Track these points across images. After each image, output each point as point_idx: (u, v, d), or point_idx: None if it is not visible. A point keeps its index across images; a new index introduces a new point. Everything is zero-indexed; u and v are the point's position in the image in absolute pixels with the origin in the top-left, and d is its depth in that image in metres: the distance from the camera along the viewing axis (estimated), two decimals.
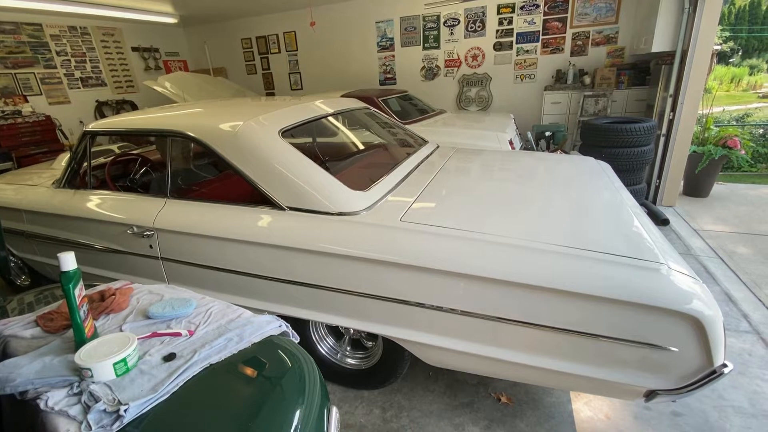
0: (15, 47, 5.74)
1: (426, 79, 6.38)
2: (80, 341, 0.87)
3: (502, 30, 5.68)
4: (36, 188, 2.40)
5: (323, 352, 1.91)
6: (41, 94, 6.07)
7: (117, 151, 3.39)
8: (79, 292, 0.86)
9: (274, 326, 1.01)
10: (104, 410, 0.71)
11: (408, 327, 1.53)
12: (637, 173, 3.69)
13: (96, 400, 0.72)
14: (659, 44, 3.85)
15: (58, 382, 0.77)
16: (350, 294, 1.56)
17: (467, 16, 5.79)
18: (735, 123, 6.42)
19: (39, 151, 5.41)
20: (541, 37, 5.51)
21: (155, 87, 5.03)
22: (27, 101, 5.84)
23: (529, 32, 5.54)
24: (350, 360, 1.93)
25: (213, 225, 1.73)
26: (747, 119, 6.87)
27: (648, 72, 4.83)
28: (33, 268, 2.71)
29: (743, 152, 4.19)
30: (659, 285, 1.17)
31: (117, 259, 2.04)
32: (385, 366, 1.80)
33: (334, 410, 0.92)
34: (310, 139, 3.14)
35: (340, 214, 1.59)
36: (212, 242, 1.73)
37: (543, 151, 4.33)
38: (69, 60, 6.36)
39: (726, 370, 1.15)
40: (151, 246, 1.88)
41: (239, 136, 1.73)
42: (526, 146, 4.46)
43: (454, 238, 1.40)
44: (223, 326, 0.97)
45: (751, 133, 5.68)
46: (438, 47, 6.11)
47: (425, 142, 2.69)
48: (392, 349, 1.72)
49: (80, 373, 0.78)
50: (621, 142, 3.56)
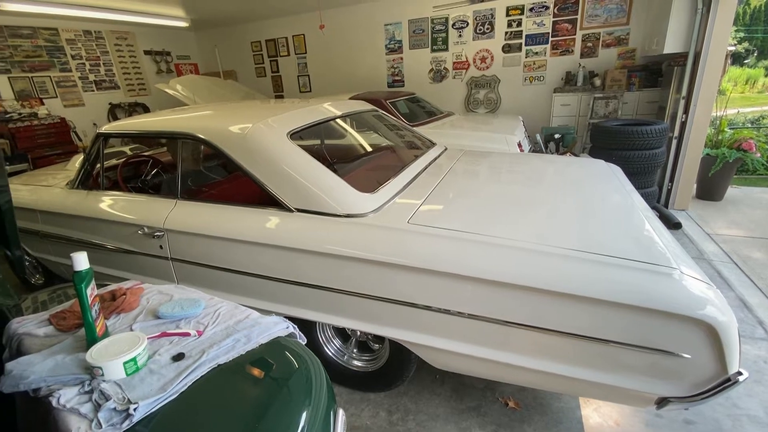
0: (32, 51, 5.88)
1: (434, 82, 6.37)
2: (92, 340, 0.88)
3: (511, 32, 5.65)
4: (50, 189, 2.45)
5: (330, 354, 1.91)
6: (56, 97, 6.20)
7: (129, 153, 3.44)
8: (91, 292, 0.88)
9: (282, 327, 1.02)
10: (114, 409, 0.72)
11: (415, 330, 1.53)
12: (649, 176, 3.64)
13: (106, 399, 0.73)
14: (671, 45, 3.80)
15: (70, 380, 0.79)
16: (357, 296, 1.56)
17: (476, 18, 5.78)
18: (750, 125, 6.29)
19: (53, 153, 5.52)
20: (551, 39, 5.47)
21: (167, 90, 5.10)
22: (43, 104, 5.98)
23: (539, 34, 5.51)
24: (357, 362, 1.93)
25: (222, 226, 1.75)
26: (763, 121, 6.73)
27: (660, 73, 4.77)
28: (47, 268, 2.76)
29: (758, 155, 4.11)
30: (671, 290, 1.15)
31: (128, 259, 2.07)
32: (392, 368, 1.79)
33: (341, 412, 0.92)
34: (318, 141, 3.16)
35: (348, 216, 1.59)
36: (221, 243, 1.75)
37: (552, 154, 4.29)
38: (83, 63, 6.50)
39: (741, 378, 1.13)
40: (161, 246, 1.90)
41: (248, 138, 1.75)
42: (535, 149, 4.43)
43: (462, 241, 1.40)
44: (231, 327, 0.98)
45: (767, 136, 5.57)
46: (446, 49, 6.11)
47: (433, 145, 2.68)
48: (399, 352, 1.71)
49: (91, 372, 0.79)
50: (632, 145, 3.51)
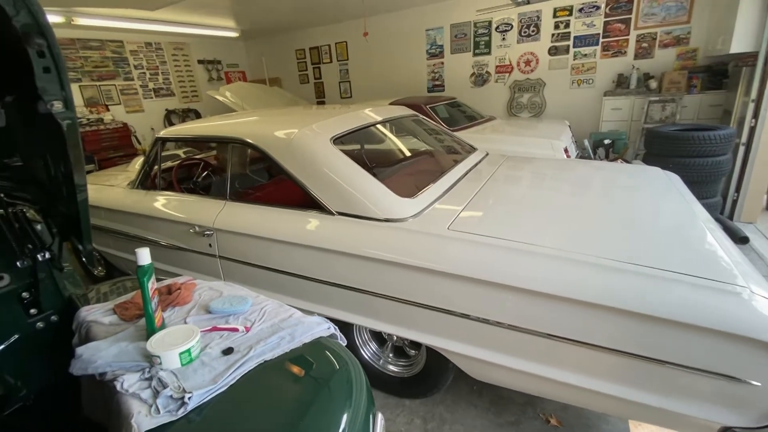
0: (100, 62, 6.44)
1: (475, 86, 6.29)
2: (151, 330, 0.94)
3: (558, 34, 5.47)
4: (113, 188, 2.66)
5: (366, 357, 1.93)
6: (120, 104, 6.75)
7: (182, 156, 3.67)
8: (152, 285, 0.94)
9: (323, 328, 1.04)
10: (171, 396, 0.76)
11: (452, 338, 1.50)
12: (711, 186, 3.36)
13: (164, 386, 0.78)
14: (739, 45, 3.50)
15: (132, 367, 0.85)
16: (394, 300, 1.56)
17: (521, 21, 5.65)
18: None
19: (116, 155, 6.00)
20: (601, 40, 5.23)
21: (217, 96, 5.40)
22: (108, 110, 6.53)
23: (588, 35, 5.29)
24: (392, 367, 1.92)
25: (266, 227, 1.82)
26: None
27: (725, 75, 4.41)
28: (107, 260, 3.00)
29: None
30: (740, 310, 1.05)
31: (179, 256, 2.20)
32: (428, 376, 1.78)
33: (380, 417, 0.92)
34: (359, 146, 3.21)
35: (387, 221, 1.60)
36: (265, 243, 1.82)
37: (601, 160, 4.09)
38: (144, 73, 7.03)
39: None
40: (210, 245, 2.01)
41: (294, 143, 1.81)
42: (583, 155, 4.24)
43: (504, 249, 1.36)
44: (276, 325, 1.01)
45: None
46: (489, 53, 6.01)
47: (474, 150, 2.64)
48: (436, 360, 1.69)
49: (150, 360, 0.85)
50: (693, 152, 3.26)
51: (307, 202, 1.77)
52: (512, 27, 5.74)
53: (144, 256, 0.94)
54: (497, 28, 5.84)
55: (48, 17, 0.61)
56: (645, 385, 1.20)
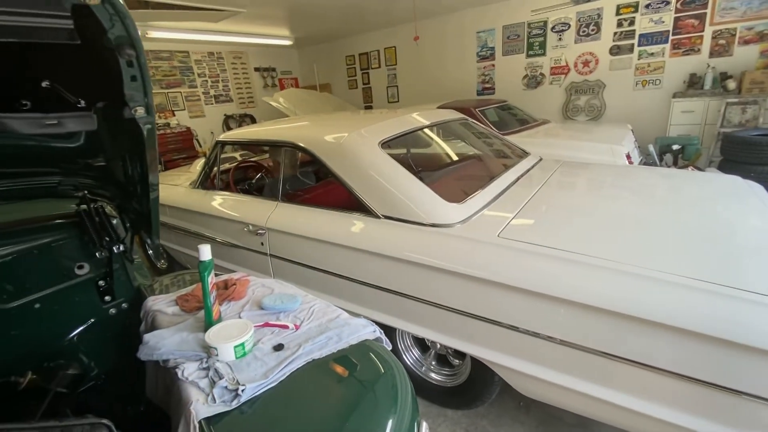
0: (168, 71, 7.00)
1: (528, 88, 6.07)
2: (209, 323, 1.00)
3: (621, 32, 5.13)
4: (177, 188, 2.86)
5: (408, 363, 1.91)
6: (184, 110, 7.28)
7: (238, 158, 3.88)
8: (211, 280, 1.00)
9: (369, 331, 1.04)
10: (226, 387, 0.80)
11: (499, 350, 1.44)
12: None
13: (220, 377, 0.82)
14: None
15: (191, 356, 0.90)
16: (439, 307, 1.53)
17: (579, 20, 5.38)
18: None
19: (180, 157, 6.48)
20: (671, 38, 4.83)
21: (271, 102, 5.65)
22: (174, 115, 7.08)
23: (656, 32, 4.91)
24: (434, 375, 1.89)
25: (315, 228, 1.86)
26: None
27: None
28: (169, 254, 3.23)
29: None
30: None
31: (233, 252, 2.32)
32: (473, 387, 1.72)
33: (425, 425, 0.90)
34: (406, 150, 3.21)
35: (433, 226, 1.58)
36: (313, 244, 1.86)
37: (669, 167, 3.77)
38: (206, 80, 7.55)
39: None
40: (262, 243, 2.09)
41: (343, 147, 1.85)
42: (647, 161, 3.93)
43: (558, 260, 1.28)
44: (324, 324, 1.03)
45: None
46: (543, 54, 5.78)
47: (526, 155, 2.54)
48: (481, 371, 1.63)
49: (208, 351, 0.90)
50: None
51: (354, 205, 1.80)
52: (570, 26, 5.47)
53: (205, 252, 1.00)
54: (553, 28, 5.60)
55: None
56: (718, 417, 1.08)
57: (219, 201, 2.42)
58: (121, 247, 1.33)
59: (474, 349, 1.51)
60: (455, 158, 2.91)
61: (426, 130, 2.41)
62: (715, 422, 1.08)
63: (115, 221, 1.36)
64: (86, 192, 1.29)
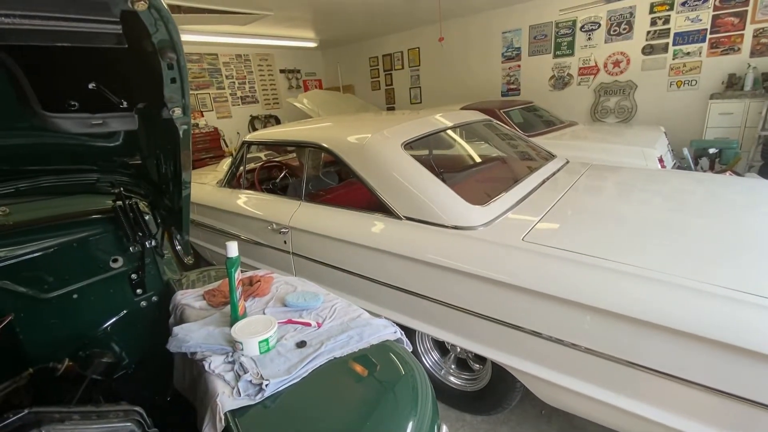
0: (198, 73, 7.23)
1: (555, 89, 5.93)
2: (234, 318, 1.03)
3: (655, 31, 4.94)
4: (204, 186, 2.95)
5: (427, 365, 1.90)
6: (212, 110, 7.50)
7: (263, 158, 3.96)
8: (238, 276, 1.02)
9: (390, 331, 1.04)
10: (250, 381, 0.82)
11: (521, 356, 1.42)
12: None
13: (245, 371, 0.84)
14: None
15: (218, 350, 0.93)
16: (459, 310, 1.51)
17: (610, 19, 5.21)
18: None
19: (207, 156, 6.67)
20: (709, 36, 4.62)
21: (295, 103, 5.75)
22: (203, 116, 7.29)
23: (692, 31, 4.70)
24: (454, 379, 1.87)
25: (337, 228, 1.88)
26: None
27: None
28: (195, 250, 3.33)
29: None
30: None
31: (256, 250, 2.37)
32: (493, 393, 1.69)
33: (445, 428, 0.89)
34: (427, 151, 3.19)
35: (456, 228, 1.57)
36: (335, 243, 1.88)
37: (704, 172, 3.60)
38: (234, 82, 7.75)
39: None
40: (285, 242, 2.13)
41: (366, 148, 1.86)
42: (681, 165, 3.76)
43: (585, 265, 1.25)
44: (345, 323, 1.04)
45: None
46: (572, 54, 5.64)
47: (553, 157, 2.49)
48: (502, 377, 1.61)
49: (233, 345, 0.92)
50: None
51: (377, 206, 1.80)
52: (600, 26, 5.31)
53: (233, 249, 1.02)
54: (582, 28, 5.46)
55: None
56: None
57: (244, 200, 2.48)
58: (153, 242, 1.38)
59: (495, 354, 1.49)
60: (478, 160, 2.87)
61: (449, 132, 2.39)
62: None
63: (148, 217, 1.42)
64: (122, 189, 1.35)
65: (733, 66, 4.53)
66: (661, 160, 3.04)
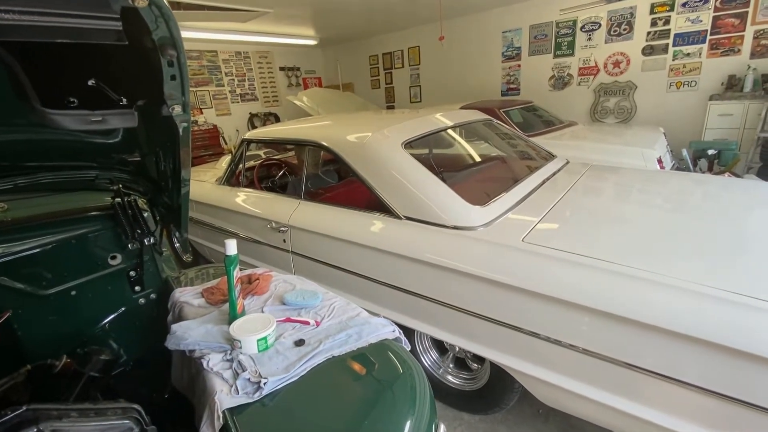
0: (198, 70, 7.20)
1: (555, 89, 5.93)
2: (233, 316, 1.02)
3: (655, 32, 4.94)
4: (203, 183, 2.94)
5: (425, 364, 1.90)
6: (211, 108, 7.48)
7: (262, 156, 3.95)
8: (236, 274, 1.02)
9: (389, 330, 1.04)
10: (248, 379, 0.82)
11: (519, 356, 1.42)
12: None
13: (243, 369, 0.84)
14: None
15: (216, 348, 0.93)
16: (458, 311, 1.51)
17: (610, 19, 5.21)
18: None
19: (206, 153, 6.65)
20: (709, 37, 4.62)
21: (295, 101, 5.73)
22: (202, 113, 7.27)
23: (692, 32, 4.70)
24: (452, 378, 1.87)
25: (336, 227, 1.88)
26: None
27: None
28: (194, 247, 3.32)
29: None
30: None
31: (255, 248, 2.37)
32: (491, 393, 1.70)
33: (443, 428, 0.89)
34: (427, 151, 3.19)
35: (455, 228, 1.57)
36: (335, 243, 1.88)
37: (703, 173, 3.61)
38: (233, 79, 7.73)
39: None
40: (284, 240, 2.13)
41: (366, 147, 1.85)
42: (680, 166, 3.77)
43: (585, 267, 1.25)
44: (344, 322, 1.04)
45: None
46: (572, 54, 5.64)
47: (552, 157, 2.49)
48: (500, 376, 1.61)
49: (232, 343, 0.92)
50: None
51: (376, 205, 1.80)
52: (600, 26, 5.31)
53: (231, 247, 1.02)
54: (582, 28, 5.45)
55: None
56: None
57: (243, 198, 2.48)
58: (152, 240, 1.38)
59: (494, 355, 1.49)
60: (478, 160, 2.87)
61: (449, 131, 2.39)
62: None
63: (147, 214, 1.41)
64: (120, 186, 1.35)
65: (733, 67, 4.53)
66: (660, 161, 3.04)
